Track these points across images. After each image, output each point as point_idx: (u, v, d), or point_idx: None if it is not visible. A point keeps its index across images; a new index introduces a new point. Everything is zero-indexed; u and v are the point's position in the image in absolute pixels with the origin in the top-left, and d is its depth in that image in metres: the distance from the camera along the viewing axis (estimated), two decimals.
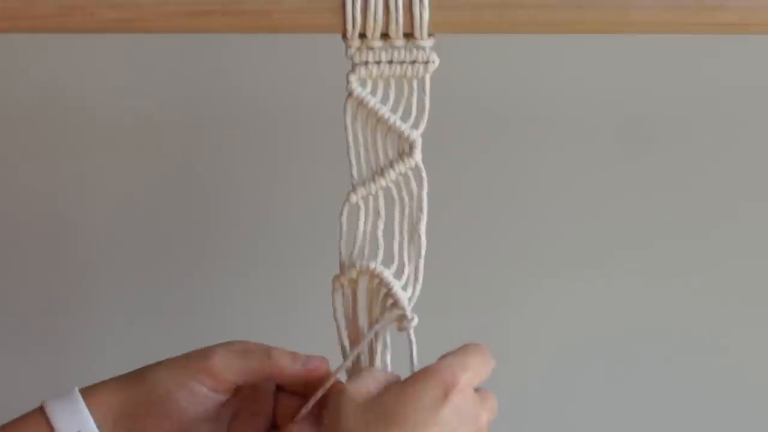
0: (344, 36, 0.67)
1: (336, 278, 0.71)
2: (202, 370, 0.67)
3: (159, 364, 0.68)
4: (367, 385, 0.64)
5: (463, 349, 0.65)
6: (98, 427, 0.66)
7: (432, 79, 0.68)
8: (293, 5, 0.66)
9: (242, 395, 0.70)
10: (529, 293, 1.01)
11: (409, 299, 0.69)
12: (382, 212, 0.69)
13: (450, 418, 0.61)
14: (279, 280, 1.00)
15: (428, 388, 0.62)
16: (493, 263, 1.00)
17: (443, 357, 0.64)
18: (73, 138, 0.98)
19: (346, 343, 0.71)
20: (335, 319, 0.71)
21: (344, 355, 0.71)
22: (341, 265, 0.70)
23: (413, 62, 0.67)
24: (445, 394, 0.61)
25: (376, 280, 0.69)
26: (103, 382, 0.68)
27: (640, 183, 0.99)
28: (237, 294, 1.00)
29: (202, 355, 0.67)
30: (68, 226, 1.00)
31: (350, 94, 0.68)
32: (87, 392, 0.67)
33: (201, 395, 0.67)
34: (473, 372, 0.63)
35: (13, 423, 0.68)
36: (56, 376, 1.01)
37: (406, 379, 0.63)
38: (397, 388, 0.63)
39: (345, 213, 0.70)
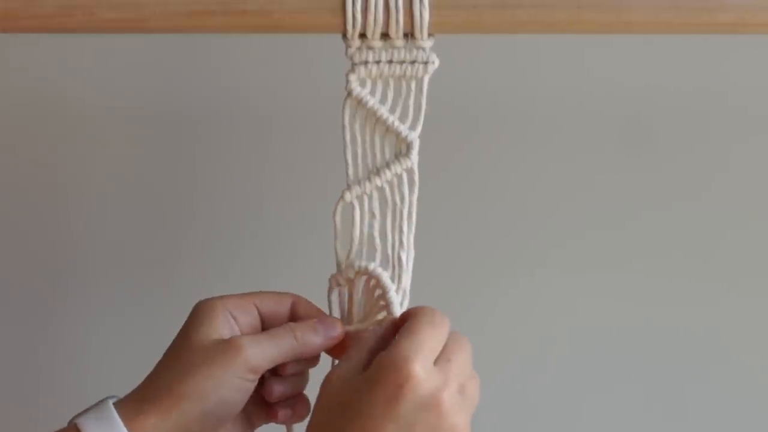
0: (344, 36, 0.67)
1: (333, 277, 0.71)
2: (241, 368, 0.66)
3: (193, 375, 0.66)
4: (348, 370, 0.63)
5: (413, 326, 0.63)
6: None
7: (432, 79, 0.68)
8: (294, 5, 0.67)
9: None
10: (528, 294, 1.01)
11: (401, 304, 0.70)
12: (377, 212, 0.70)
13: (407, 411, 0.60)
14: (275, 277, 1.00)
15: (381, 387, 0.60)
16: (491, 264, 1.00)
17: (397, 340, 0.63)
18: (73, 138, 0.98)
19: None
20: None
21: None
22: (338, 264, 0.71)
23: (413, 62, 0.68)
24: (399, 388, 0.60)
25: (373, 281, 0.70)
26: (147, 409, 0.66)
27: (640, 183, 0.99)
28: (233, 292, 1.00)
29: (234, 352, 0.66)
30: (65, 224, 1.00)
31: (349, 93, 0.68)
32: (130, 421, 0.65)
33: (242, 389, 0.67)
34: (428, 350, 0.62)
35: None
36: (55, 371, 1.01)
37: (365, 374, 0.62)
38: (357, 384, 0.62)
39: (339, 211, 0.70)
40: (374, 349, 0.64)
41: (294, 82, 0.96)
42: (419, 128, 0.68)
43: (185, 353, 0.67)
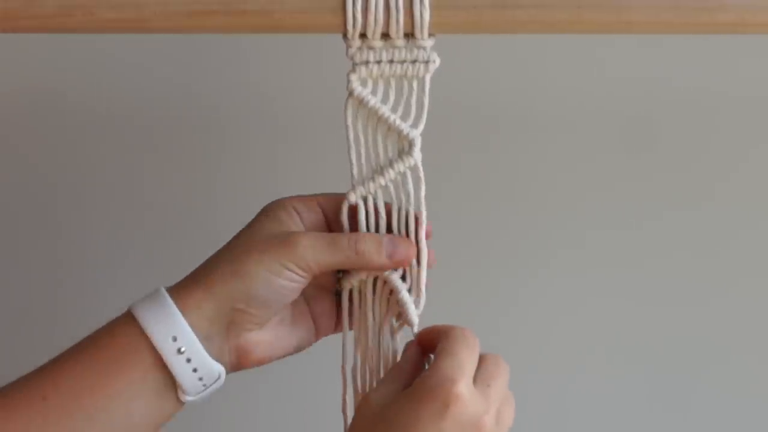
0: (345, 36, 0.67)
1: (344, 279, 0.71)
2: (291, 261, 0.67)
3: (243, 257, 0.67)
4: (386, 392, 0.65)
5: (451, 347, 0.65)
6: (193, 329, 0.66)
7: (433, 79, 0.68)
8: (294, 5, 0.67)
9: None
10: (531, 294, 1.01)
11: (415, 302, 0.70)
12: (383, 212, 0.70)
13: (450, 429, 0.62)
14: None
15: (428, 404, 0.62)
16: (493, 263, 1.00)
17: (437, 361, 0.64)
18: (74, 138, 0.98)
19: (348, 347, 0.72)
20: (344, 318, 0.72)
21: (344, 357, 0.72)
22: None
23: (414, 62, 0.68)
24: (446, 407, 0.62)
25: (383, 282, 0.70)
26: (193, 285, 0.67)
27: (647, 183, 0.99)
28: None
29: (290, 244, 0.67)
30: (70, 225, 1.00)
31: (351, 93, 0.68)
32: (177, 296, 0.66)
33: (291, 280, 0.67)
34: (468, 371, 0.64)
35: (102, 333, 0.67)
36: None
37: (408, 392, 0.64)
38: (400, 402, 0.63)
39: (345, 212, 0.70)
40: (410, 371, 0.67)
41: (295, 83, 0.96)
42: (421, 126, 0.69)
43: (243, 241, 0.68)
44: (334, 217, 0.71)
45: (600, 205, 0.99)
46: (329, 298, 0.72)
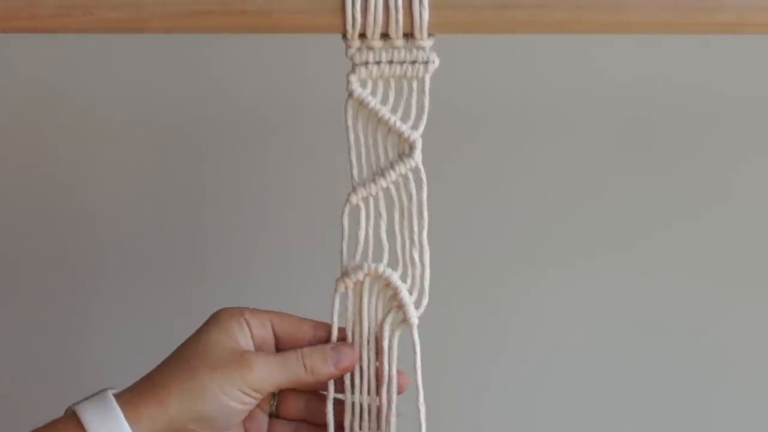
0: (344, 36, 0.67)
1: (340, 280, 0.71)
2: (245, 384, 0.67)
3: (198, 374, 0.66)
4: None
5: None
6: None
7: (432, 79, 0.68)
8: (293, 5, 0.67)
9: None
10: (530, 294, 1.01)
11: (415, 303, 0.70)
12: (384, 213, 0.70)
13: None
14: (279, 280, 1.00)
15: None
16: (492, 263, 1.00)
17: None
18: (73, 139, 0.98)
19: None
20: (333, 321, 0.72)
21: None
22: (344, 267, 0.71)
23: (413, 62, 0.68)
24: None
25: (383, 283, 0.70)
26: (146, 396, 0.66)
27: (642, 184, 0.99)
28: (236, 295, 1.00)
29: (243, 367, 0.67)
30: (66, 227, 1.00)
31: (351, 94, 0.68)
32: (129, 405, 0.66)
33: (243, 403, 0.67)
34: None
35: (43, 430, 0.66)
36: (57, 374, 1.01)
37: None
38: None
39: (346, 214, 0.70)
40: None
41: (295, 83, 0.96)
42: (422, 127, 0.68)
43: (194, 353, 0.67)
44: (283, 336, 0.71)
45: (599, 205, 0.99)
46: (261, 415, 0.72)
